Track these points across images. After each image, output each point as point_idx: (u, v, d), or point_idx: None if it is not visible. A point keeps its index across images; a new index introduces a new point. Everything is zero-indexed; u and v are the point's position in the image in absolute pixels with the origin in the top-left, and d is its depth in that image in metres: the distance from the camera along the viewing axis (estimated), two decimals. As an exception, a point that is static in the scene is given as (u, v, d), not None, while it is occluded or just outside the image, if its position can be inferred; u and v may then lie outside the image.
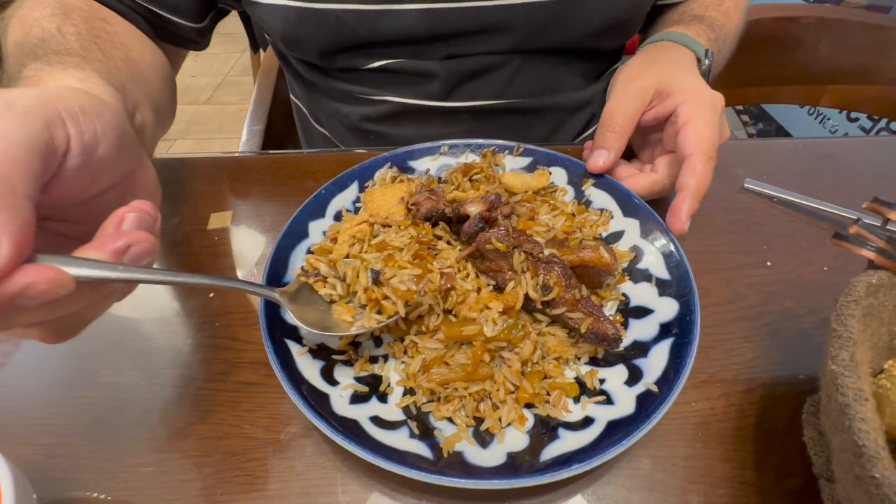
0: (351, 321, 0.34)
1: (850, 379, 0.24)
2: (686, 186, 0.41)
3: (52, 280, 0.21)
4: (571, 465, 0.29)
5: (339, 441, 0.30)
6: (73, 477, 0.33)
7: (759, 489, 0.32)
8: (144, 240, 0.24)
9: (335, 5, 0.51)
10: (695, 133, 0.42)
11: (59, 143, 0.23)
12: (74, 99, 0.25)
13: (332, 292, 0.34)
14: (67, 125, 0.24)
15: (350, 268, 0.34)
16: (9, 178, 0.20)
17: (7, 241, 0.19)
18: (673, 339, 0.35)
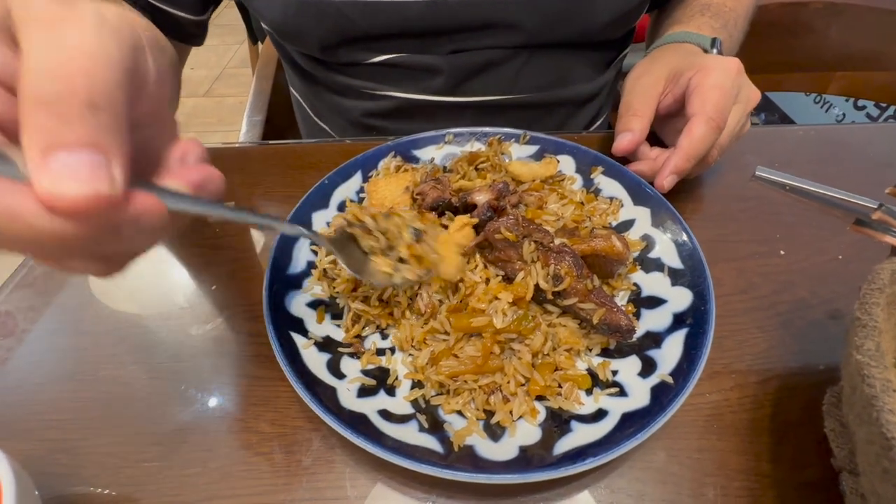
0: (391, 272, 0.34)
1: (876, 369, 0.23)
2: (678, 146, 0.41)
3: (156, 210, 0.20)
4: (586, 459, 0.28)
5: (347, 436, 0.29)
6: (75, 472, 0.32)
7: (775, 481, 0.31)
8: (216, 176, 0.24)
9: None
10: (699, 96, 0.42)
11: (142, 72, 0.21)
12: (145, 29, 0.22)
13: (374, 244, 0.35)
14: (148, 55, 0.22)
15: (392, 223, 0.35)
16: (113, 99, 0.18)
17: (120, 168, 0.18)
18: (687, 329, 0.35)
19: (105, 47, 0.18)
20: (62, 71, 0.17)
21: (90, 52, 0.18)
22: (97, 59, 0.18)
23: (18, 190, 0.17)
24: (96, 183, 0.17)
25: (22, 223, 0.17)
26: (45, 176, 0.17)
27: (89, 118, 0.17)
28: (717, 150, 0.44)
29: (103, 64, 0.18)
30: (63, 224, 0.17)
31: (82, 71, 0.17)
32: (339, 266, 0.39)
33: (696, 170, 0.46)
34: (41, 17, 0.18)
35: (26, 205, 0.17)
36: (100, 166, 0.17)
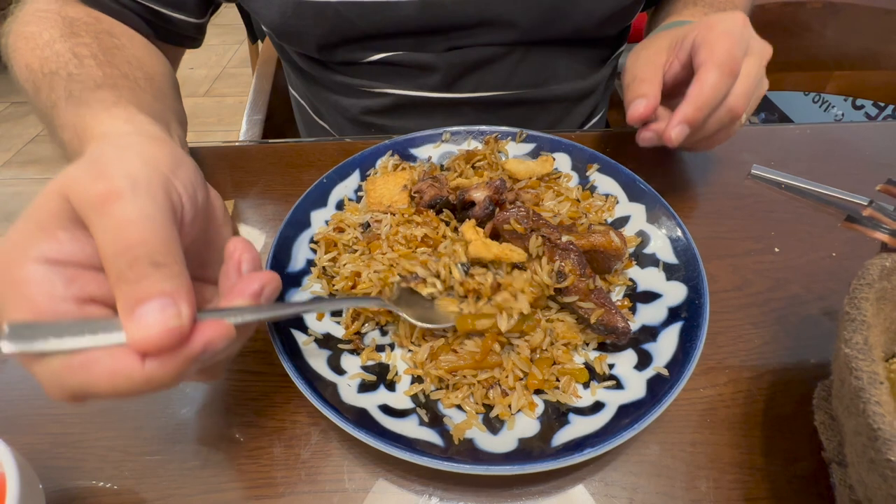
0: (458, 311, 0.35)
1: (864, 362, 0.23)
2: (687, 94, 0.38)
3: (223, 333, 0.24)
4: (584, 450, 0.28)
5: (349, 430, 0.29)
6: (78, 465, 0.33)
7: (767, 474, 0.32)
8: (272, 280, 0.28)
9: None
10: (706, 47, 0.39)
11: (177, 205, 0.26)
12: (163, 156, 0.27)
13: (433, 290, 0.35)
14: (176, 185, 0.26)
15: (442, 265, 0.36)
16: (168, 251, 0.23)
17: (184, 304, 0.23)
18: (682, 322, 0.35)
19: (146, 211, 0.23)
20: (124, 245, 0.22)
21: (137, 222, 0.23)
22: (144, 226, 0.23)
23: (115, 353, 0.22)
24: (167, 320, 0.22)
25: (124, 377, 0.22)
26: (132, 328, 0.22)
27: (154, 274, 0.22)
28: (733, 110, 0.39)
29: (151, 227, 0.23)
30: (153, 367, 0.22)
31: (138, 241, 0.22)
32: (338, 264, 0.39)
33: (717, 137, 0.42)
34: (90, 201, 0.23)
35: (122, 361, 0.22)
36: (166, 307, 0.22)
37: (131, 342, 0.22)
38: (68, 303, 0.23)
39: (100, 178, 0.23)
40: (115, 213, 0.23)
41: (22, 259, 0.23)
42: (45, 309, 0.23)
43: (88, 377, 0.22)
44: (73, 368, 0.22)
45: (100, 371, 0.22)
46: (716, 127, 0.41)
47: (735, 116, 0.39)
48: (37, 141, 2.08)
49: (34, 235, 0.23)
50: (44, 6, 0.45)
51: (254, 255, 0.29)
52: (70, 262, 0.24)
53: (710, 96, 0.38)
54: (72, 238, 0.24)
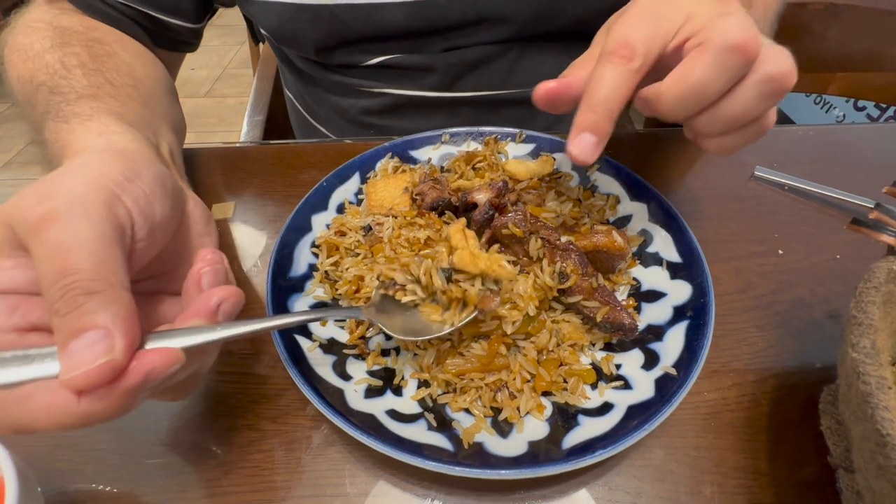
0: (441, 319, 0.32)
1: (871, 367, 0.23)
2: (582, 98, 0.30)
3: (165, 360, 0.23)
4: (595, 452, 0.28)
5: (358, 437, 0.29)
6: (78, 469, 0.32)
7: (772, 479, 0.31)
8: (230, 294, 0.26)
9: (330, 1, 0.50)
10: (609, 33, 0.30)
11: (124, 221, 0.24)
12: (114, 169, 0.26)
13: (413, 297, 0.33)
14: (124, 199, 0.25)
15: (423, 270, 0.33)
16: (103, 276, 0.22)
17: (119, 335, 0.21)
18: (688, 321, 0.35)
19: (81, 234, 0.22)
20: (56, 273, 0.21)
21: (70, 246, 0.22)
22: (77, 250, 0.22)
23: (52, 389, 0.21)
24: (97, 356, 0.21)
25: (62, 412, 0.21)
26: (64, 366, 0.21)
27: (87, 303, 0.21)
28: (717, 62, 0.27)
29: (84, 251, 0.22)
30: (89, 402, 0.21)
31: (70, 268, 0.21)
32: (341, 268, 0.39)
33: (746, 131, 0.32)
34: (27, 226, 0.22)
35: (59, 397, 0.21)
36: (97, 341, 0.21)
37: (61, 381, 0.21)
38: (8, 333, 0.23)
39: (38, 202, 0.23)
40: (50, 237, 0.22)
41: None
42: None
43: (26, 413, 0.21)
44: (9, 404, 0.21)
45: (36, 407, 0.21)
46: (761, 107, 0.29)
47: (737, 51, 0.26)
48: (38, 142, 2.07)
49: None
50: (37, 16, 0.45)
51: (217, 269, 0.27)
52: (13, 290, 0.24)
53: (596, 95, 0.29)
54: (14, 265, 0.23)
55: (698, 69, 0.27)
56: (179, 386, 0.27)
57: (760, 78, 0.27)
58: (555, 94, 0.33)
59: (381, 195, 0.44)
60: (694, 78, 0.27)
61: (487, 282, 0.32)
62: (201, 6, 0.54)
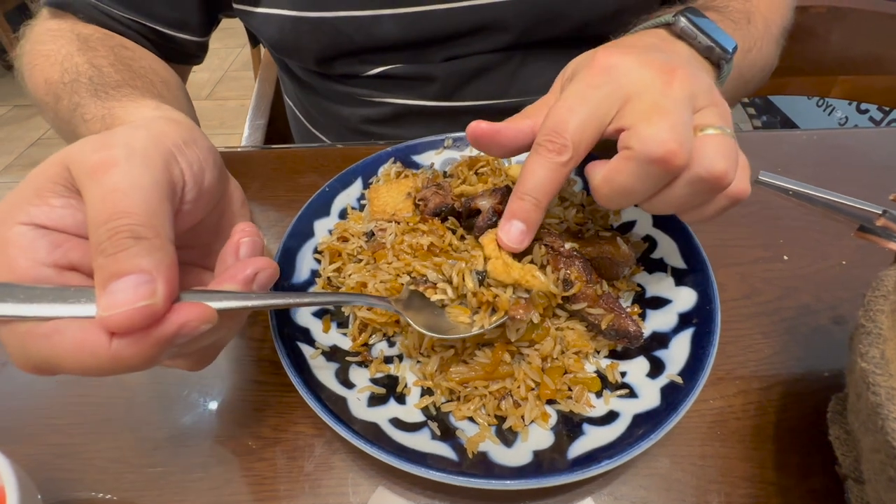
0: (469, 322, 0.32)
1: (881, 377, 0.23)
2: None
3: (201, 316, 0.23)
4: (601, 462, 0.28)
5: (361, 446, 0.29)
6: (78, 477, 0.32)
7: (780, 489, 0.31)
8: (267, 265, 0.26)
9: (330, 13, 0.50)
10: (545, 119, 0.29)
11: (177, 179, 0.25)
12: (175, 132, 0.26)
13: (443, 297, 0.33)
14: (179, 161, 0.25)
15: (455, 271, 0.33)
16: (153, 224, 0.22)
17: (161, 282, 0.21)
18: (693, 329, 0.35)
19: (137, 180, 0.22)
20: (107, 214, 0.21)
21: (125, 190, 0.22)
22: (132, 195, 0.22)
23: (84, 326, 0.21)
24: (139, 298, 0.21)
25: (89, 352, 0.21)
26: (102, 304, 0.20)
27: (133, 247, 0.21)
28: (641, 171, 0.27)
29: (138, 197, 0.22)
30: (120, 346, 0.21)
31: (121, 211, 0.21)
32: (343, 274, 0.39)
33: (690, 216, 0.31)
34: (86, 168, 0.22)
35: (90, 336, 0.21)
36: (141, 284, 0.21)
37: (98, 318, 0.21)
38: (48, 268, 0.23)
39: (100, 148, 0.23)
40: (106, 180, 0.22)
41: (10, 221, 0.23)
42: (22, 271, 0.22)
43: (52, 348, 0.21)
44: (37, 336, 0.21)
45: (64, 343, 0.21)
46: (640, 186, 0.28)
47: (662, 162, 0.26)
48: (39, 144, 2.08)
49: (28, 199, 0.23)
50: (55, 25, 0.46)
51: (256, 241, 0.28)
52: (59, 227, 0.23)
53: (527, 187, 0.29)
54: (64, 205, 0.23)
55: (622, 176, 0.27)
56: (198, 354, 0.27)
57: (691, 178, 0.27)
58: (482, 136, 0.31)
59: (383, 200, 0.44)
60: (619, 183, 0.28)
61: (519, 290, 0.33)
62: (207, 20, 0.54)
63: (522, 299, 0.32)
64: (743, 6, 0.48)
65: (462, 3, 0.50)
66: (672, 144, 0.26)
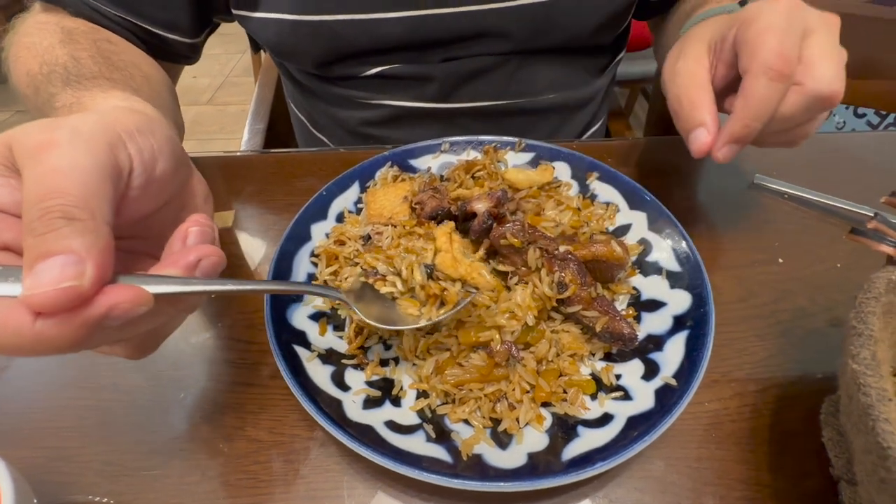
0: (417, 314, 0.33)
1: (872, 378, 0.23)
2: (734, 110, 0.35)
3: (133, 299, 0.22)
4: (595, 464, 0.28)
5: (356, 448, 0.29)
6: (74, 480, 0.32)
7: (775, 491, 0.31)
8: (212, 253, 0.26)
9: (329, 16, 0.50)
10: (747, 49, 0.34)
11: (123, 164, 0.24)
12: (129, 119, 0.26)
13: (392, 289, 0.34)
14: (128, 146, 0.25)
15: (405, 264, 0.34)
16: (87, 205, 0.21)
17: (91, 264, 0.21)
18: (688, 331, 0.35)
19: (76, 160, 0.22)
20: (41, 193, 0.21)
21: (63, 170, 0.21)
22: (69, 175, 0.21)
23: (9, 304, 0.20)
24: (64, 279, 0.20)
25: (11, 330, 0.20)
26: (27, 283, 0.20)
27: (65, 229, 0.20)
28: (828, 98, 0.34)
29: (75, 177, 0.21)
30: (44, 325, 0.20)
31: (56, 190, 0.21)
32: (339, 278, 0.39)
33: (790, 135, 0.38)
34: (27, 147, 0.22)
35: (13, 314, 0.20)
36: (69, 265, 0.20)
37: (21, 297, 0.20)
38: None
39: (45, 130, 0.23)
40: (45, 160, 0.22)
41: None
42: None
43: None
44: None
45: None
46: (804, 118, 0.36)
47: (832, 103, 0.34)
48: (40, 149, 2.08)
49: None
50: (43, 18, 0.47)
51: (206, 231, 0.27)
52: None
53: (758, 109, 0.34)
54: (3, 184, 0.23)
55: (789, 107, 0.34)
56: (138, 340, 0.27)
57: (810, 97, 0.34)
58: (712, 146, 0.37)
59: (380, 204, 0.44)
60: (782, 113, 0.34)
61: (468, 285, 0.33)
62: (198, 23, 0.54)
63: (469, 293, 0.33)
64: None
65: (464, 9, 0.51)
66: (838, 85, 0.33)
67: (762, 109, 0.34)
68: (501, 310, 0.35)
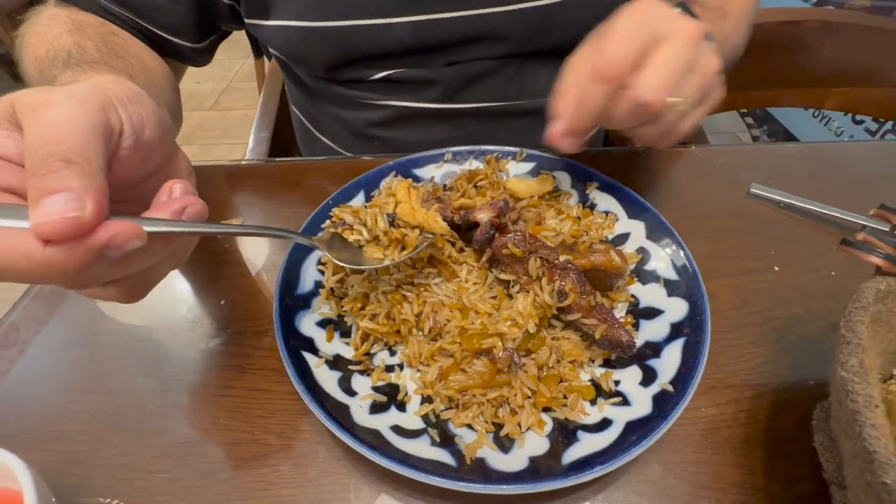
0: (382, 257, 0.37)
1: (859, 385, 0.24)
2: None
3: (130, 231, 0.25)
4: (594, 468, 0.29)
5: (363, 452, 0.30)
6: (88, 483, 0.33)
7: (769, 495, 0.32)
8: (196, 202, 0.29)
9: (338, 22, 0.52)
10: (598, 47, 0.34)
11: (114, 124, 0.27)
12: (120, 89, 0.29)
13: (359, 237, 0.38)
14: (119, 110, 0.28)
15: (370, 215, 0.38)
16: (83, 153, 0.24)
17: (90, 200, 0.23)
18: (685, 338, 0.36)
19: (72, 115, 0.25)
20: (41, 142, 0.24)
21: (60, 123, 0.24)
22: (66, 127, 0.24)
23: (21, 233, 0.23)
24: (68, 211, 0.23)
25: (24, 255, 0.23)
26: (34, 215, 0.23)
27: (64, 171, 0.23)
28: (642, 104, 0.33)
29: (71, 129, 0.24)
30: (53, 251, 0.23)
31: (55, 139, 0.24)
32: (346, 285, 0.40)
33: (660, 133, 0.37)
34: (28, 105, 0.25)
35: (25, 242, 0.23)
36: (71, 200, 0.23)
37: (32, 225, 0.23)
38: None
39: (44, 93, 0.26)
40: (44, 115, 0.24)
41: None
42: None
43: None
44: None
45: (1, 246, 0.23)
46: (634, 122, 0.36)
47: (647, 111, 0.33)
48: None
49: None
50: (56, 11, 0.50)
51: (188, 188, 0.30)
52: (1, 155, 0.26)
53: (584, 108, 0.35)
54: (7, 136, 0.26)
55: (617, 110, 0.35)
56: (130, 282, 0.29)
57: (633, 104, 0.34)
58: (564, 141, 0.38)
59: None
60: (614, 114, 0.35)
61: (426, 231, 0.38)
62: (200, 29, 0.56)
63: (426, 238, 0.38)
64: (718, 3, 0.51)
65: (469, 12, 0.53)
66: (660, 94, 0.33)
67: (587, 108, 0.35)
68: (503, 317, 0.36)
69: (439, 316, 0.37)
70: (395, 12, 0.52)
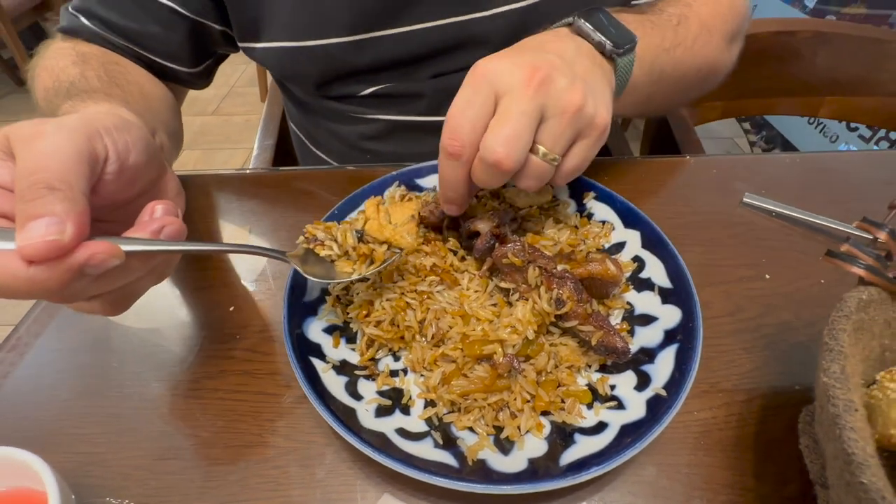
0: (351, 271, 0.39)
1: (840, 390, 0.25)
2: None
3: (107, 251, 0.27)
4: (590, 469, 0.30)
5: (369, 454, 0.31)
6: (105, 483, 0.35)
7: (758, 495, 0.33)
8: (174, 222, 0.31)
9: (321, 41, 0.55)
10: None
11: (99, 152, 0.30)
12: (107, 118, 0.32)
13: (330, 252, 0.40)
14: (104, 138, 0.31)
15: (340, 231, 0.40)
16: (67, 179, 0.27)
17: (70, 223, 0.26)
18: (678, 345, 0.37)
19: (58, 145, 0.27)
20: (30, 170, 0.26)
21: (48, 152, 0.27)
22: (52, 155, 0.27)
23: (8, 253, 0.26)
24: (49, 235, 0.25)
25: (10, 274, 0.26)
26: (19, 238, 0.25)
27: (48, 196, 0.26)
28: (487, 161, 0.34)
29: (57, 157, 0.27)
30: (36, 270, 0.26)
31: (41, 167, 0.26)
32: (352, 293, 0.42)
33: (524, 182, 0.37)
34: (21, 136, 0.28)
35: (12, 262, 0.26)
36: (52, 224, 0.26)
37: (17, 247, 0.25)
38: None
39: (36, 125, 0.29)
40: (34, 145, 0.27)
41: None
42: None
43: None
44: None
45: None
46: (501, 181, 0.36)
47: (501, 169, 0.34)
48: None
49: None
50: (62, 45, 0.53)
51: (169, 208, 0.32)
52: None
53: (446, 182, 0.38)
54: (1, 165, 0.29)
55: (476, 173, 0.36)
56: (112, 297, 0.31)
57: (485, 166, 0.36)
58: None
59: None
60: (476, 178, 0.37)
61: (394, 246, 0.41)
62: (197, 55, 0.59)
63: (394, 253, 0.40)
64: (678, 10, 0.51)
65: (447, 20, 0.55)
66: (505, 151, 0.33)
67: (449, 182, 0.37)
68: (503, 324, 0.37)
69: (442, 323, 0.39)
70: (377, 26, 0.54)
